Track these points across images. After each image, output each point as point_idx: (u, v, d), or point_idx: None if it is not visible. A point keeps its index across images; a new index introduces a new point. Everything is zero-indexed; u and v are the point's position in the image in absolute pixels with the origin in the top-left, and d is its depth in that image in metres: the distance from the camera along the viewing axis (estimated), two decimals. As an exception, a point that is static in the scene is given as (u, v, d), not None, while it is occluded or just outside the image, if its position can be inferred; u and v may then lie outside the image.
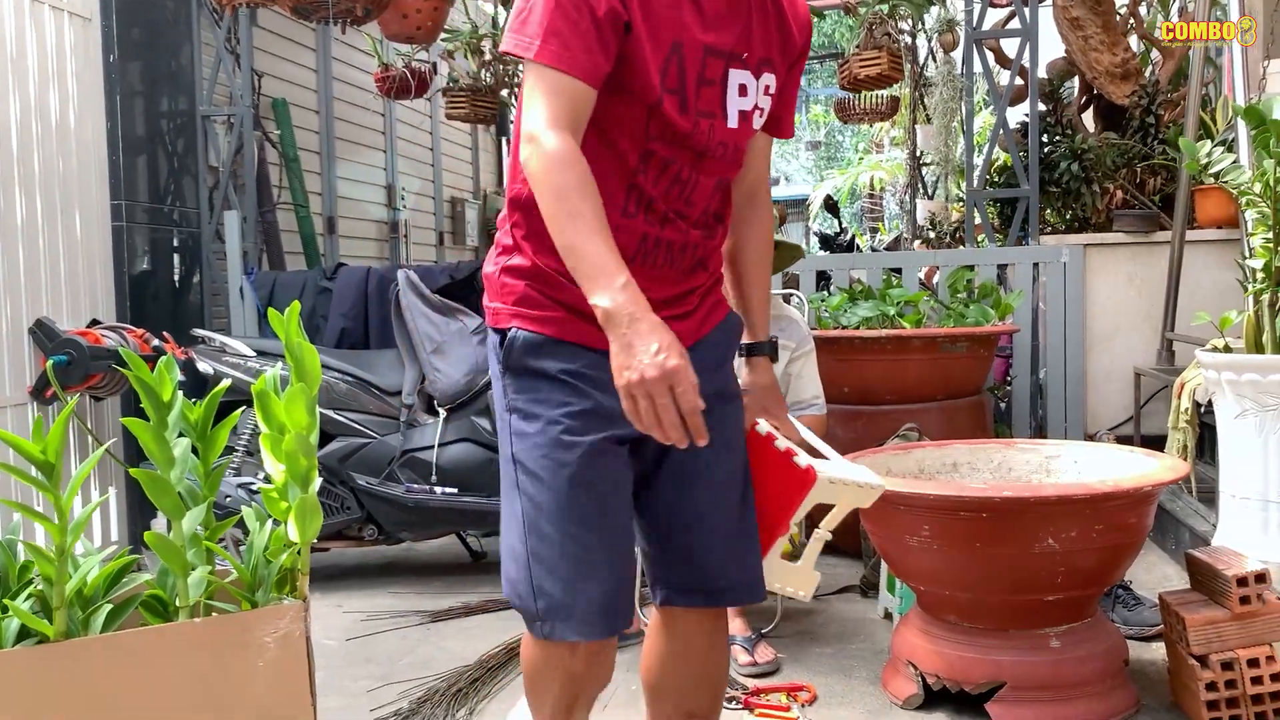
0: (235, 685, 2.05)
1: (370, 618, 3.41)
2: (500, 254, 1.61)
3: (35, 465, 1.90)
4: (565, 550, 1.53)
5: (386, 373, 3.98)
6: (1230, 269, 4.49)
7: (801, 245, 2.84)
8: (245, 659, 2.06)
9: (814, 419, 3.11)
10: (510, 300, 1.56)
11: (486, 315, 1.62)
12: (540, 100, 1.42)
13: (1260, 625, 2.29)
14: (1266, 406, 2.78)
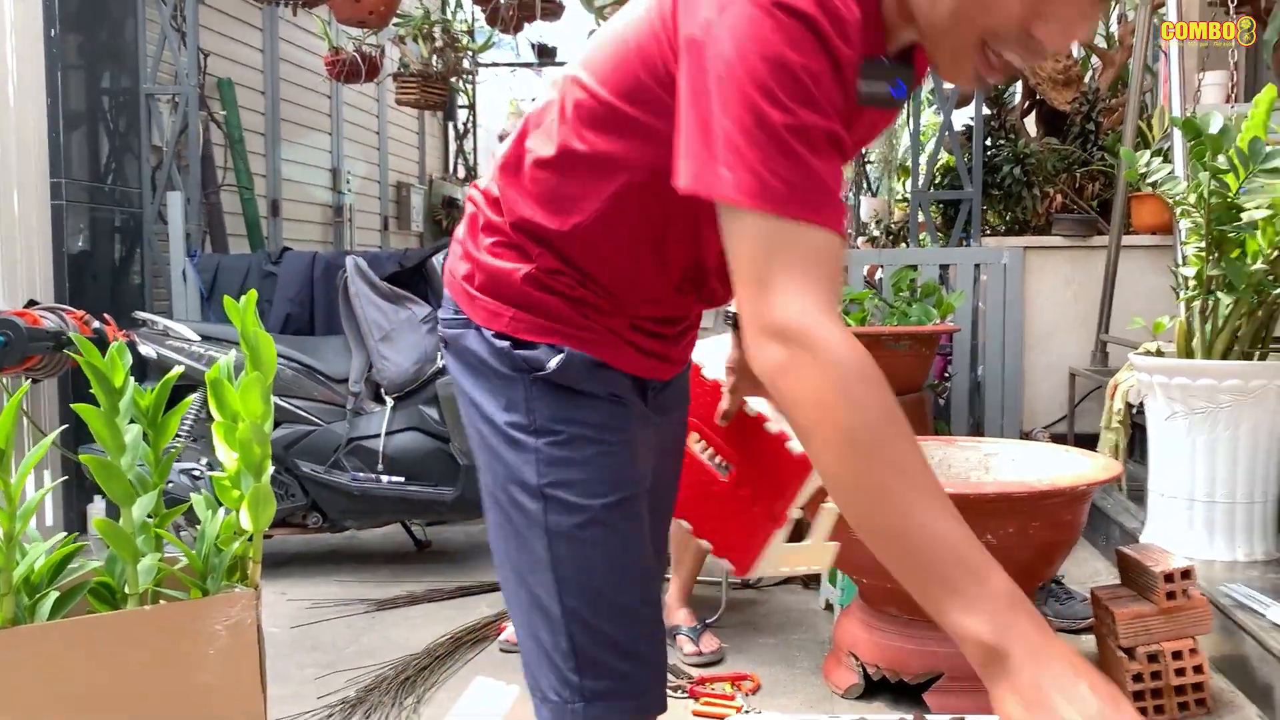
0: (186, 673, 2.05)
1: (315, 605, 3.40)
2: (514, 258, 1.23)
3: (-16, 452, 1.88)
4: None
5: (333, 360, 3.95)
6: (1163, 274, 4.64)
7: None
8: (196, 647, 2.06)
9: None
10: (548, 314, 1.22)
11: (468, 301, 1.26)
12: (798, 271, 0.94)
13: (1184, 619, 2.39)
14: (1195, 409, 2.89)
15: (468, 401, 1.29)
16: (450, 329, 1.29)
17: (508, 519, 1.23)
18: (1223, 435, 2.87)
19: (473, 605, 3.40)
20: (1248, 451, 2.87)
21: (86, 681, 1.97)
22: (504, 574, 1.28)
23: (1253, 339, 2.91)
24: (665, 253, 1.21)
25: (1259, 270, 2.78)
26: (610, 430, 1.23)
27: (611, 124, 1.13)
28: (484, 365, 1.24)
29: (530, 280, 1.20)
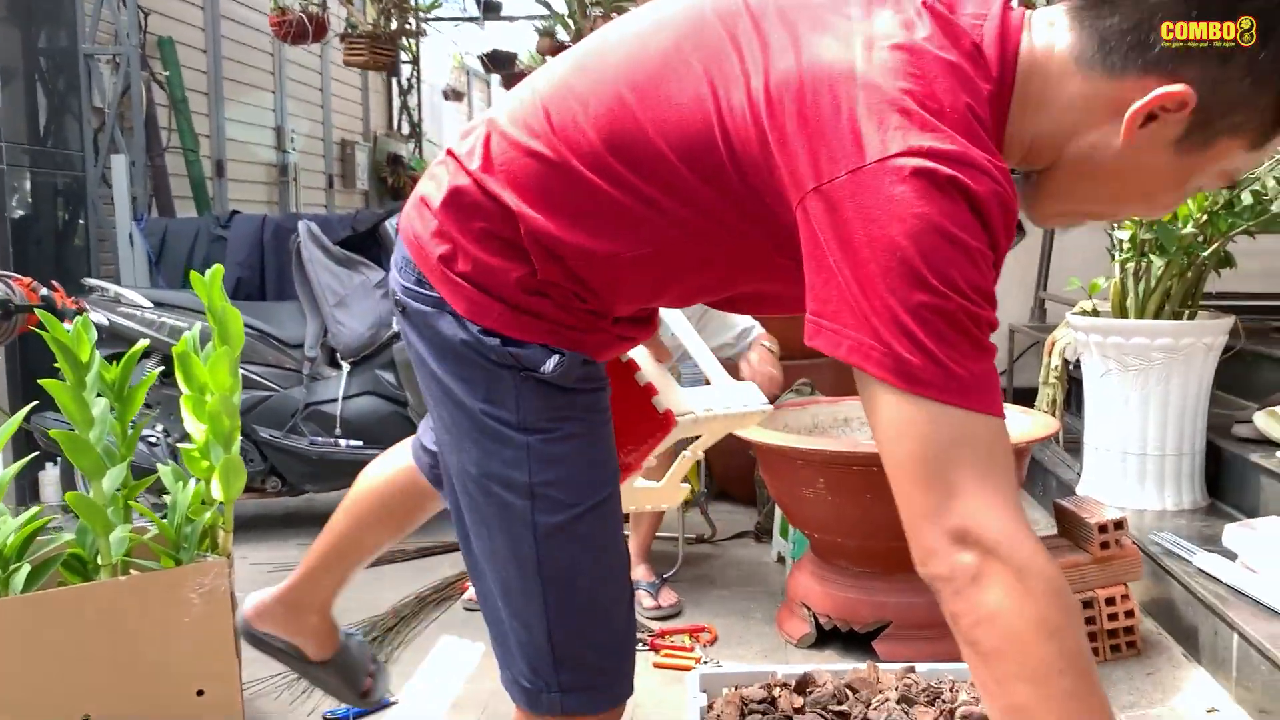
0: (162, 641, 2.10)
1: (277, 569, 3.44)
2: (513, 258, 1.14)
3: (-42, 430, 1.90)
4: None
5: (287, 325, 3.96)
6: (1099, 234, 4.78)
7: None
8: (171, 615, 2.12)
9: (764, 347, 3.06)
10: (540, 315, 1.16)
11: (469, 305, 1.16)
12: (983, 469, 0.90)
13: (1117, 567, 2.54)
14: (1129, 367, 3.03)
15: (431, 377, 1.21)
16: (414, 301, 1.19)
17: (479, 506, 1.20)
18: (1154, 391, 3.01)
19: (435, 565, 3.47)
20: (1177, 406, 3.01)
21: (65, 652, 2.02)
22: (474, 555, 1.24)
23: (1183, 298, 3.04)
24: (690, 285, 1.18)
25: (1189, 233, 2.90)
26: (597, 420, 1.22)
27: (658, 171, 1.05)
28: (461, 352, 1.16)
29: (523, 284, 1.13)
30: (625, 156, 1.06)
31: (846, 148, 0.90)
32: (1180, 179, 0.97)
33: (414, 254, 1.19)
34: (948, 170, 0.86)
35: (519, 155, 1.12)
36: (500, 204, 1.12)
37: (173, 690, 2.13)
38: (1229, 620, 2.29)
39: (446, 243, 1.15)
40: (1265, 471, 2.85)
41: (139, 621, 2.09)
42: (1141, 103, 0.91)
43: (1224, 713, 2.24)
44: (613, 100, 1.07)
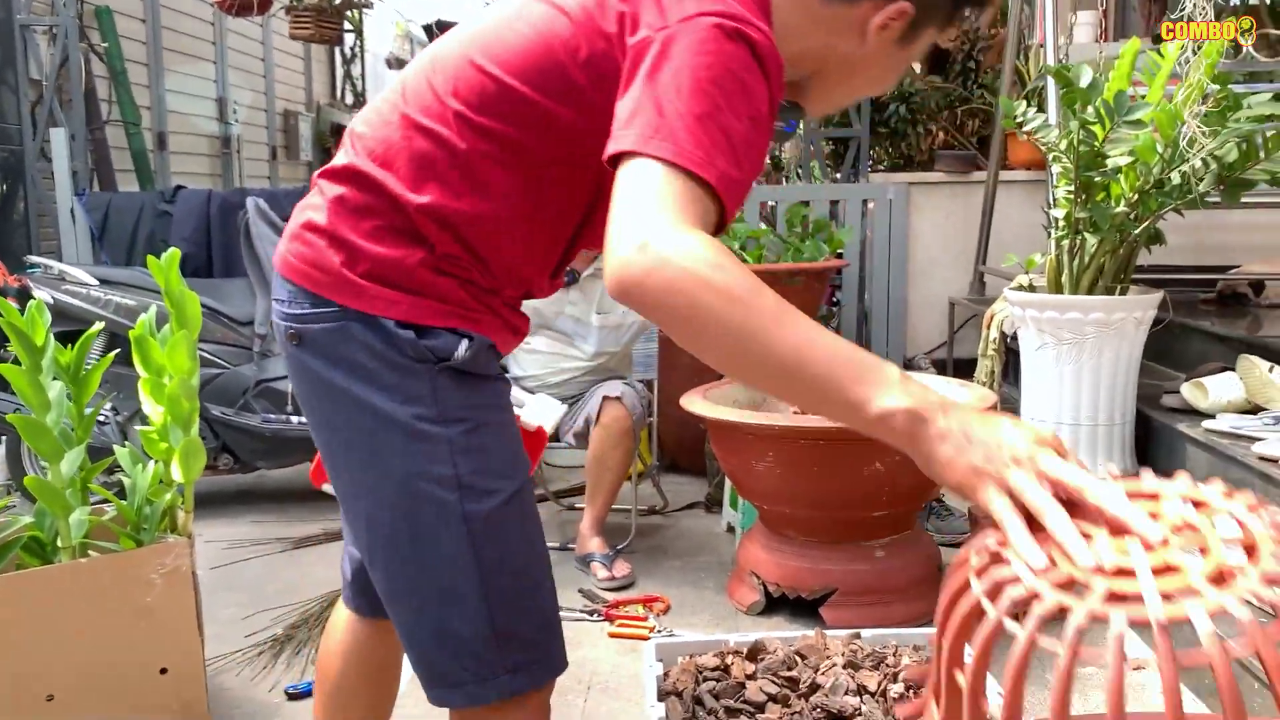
0: (126, 621, 2.13)
1: (232, 546, 3.47)
2: (405, 243, 1.19)
3: (-84, 415, 1.90)
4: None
5: (237, 302, 3.95)
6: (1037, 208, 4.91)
7: None
8: (134, 595, 2.15)
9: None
10: (444, 298, 1.21)
11: (355, 293, 1.19)
12: (689, 215, 0.98)
13: (1051, 534, 2.65)
14: (1063, 340, 3.14)
15: (348, 402, 1.20)
16: (314, 324, 1.19)
17: (413, 517, 1.20)
18: (1087, 364, 3.13)
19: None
20: (1109, 378, 3.13)
21: (27, 634, 2.04)
22: (402, 581, 1.24)
23: (1115, 274, 3.15)
24: (562, 237, 1.26)
25: (1121, 212, 3.01)
26: (505, 409, 1.28)
27: (518, 110, 1.15)
28: (375, 359, 1.18)
29: (425, 264, 1.17)
30: (489, 110, 1.16)
31: (663, 13, 1.09)
32: (900, 64, 1.27)
33: (305, 280, 1.20)
34: (735, 24, 1.06)
35: (393, 142, 1.18)
36: (384, 194, 1.17)
37: (136, 669, 2.16)
38: (1155, 583, 2.41)
39: (342, 250, 1.18)
40: (1190, 440, 2.98)
41: (101, 602, 2.11)
42: (879, 19, 1.15)
43: (1150, 669, 2.37)
44: (464, 66, 1.18)
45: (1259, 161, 2.88)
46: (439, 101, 1.17)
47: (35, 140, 4.74)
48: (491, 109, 1.16)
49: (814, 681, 1.70)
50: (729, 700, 1.68)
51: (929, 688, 0.90)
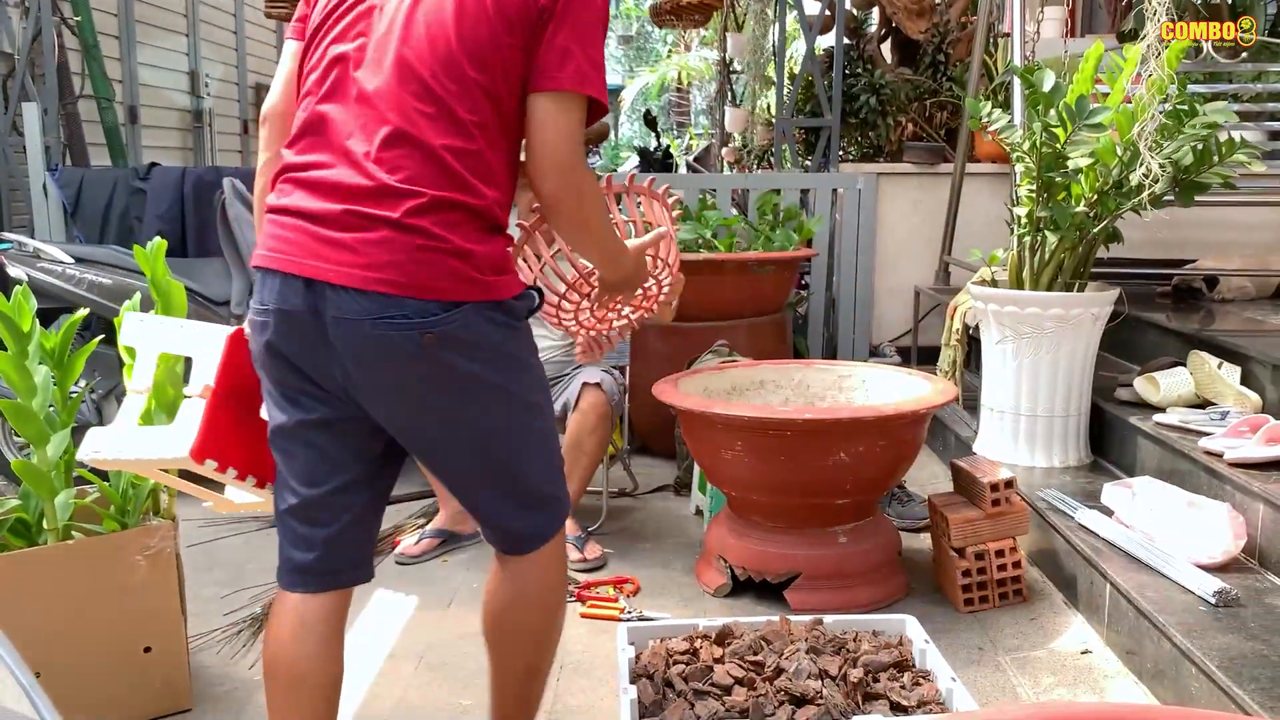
0: (110, 601, 2.19)
1: (209, 524, 3.51)
2: (488, 234, 1.54)
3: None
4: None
5: (213, 283, 3.98)
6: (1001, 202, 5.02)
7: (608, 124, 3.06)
8: (119, 576, 2.21)
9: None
10: (510, 269, 1.58)
11: (484, 288, 1.51)
12: (579, 135, 1.54)
13: (1007, 522, 2.76)
14: (1022, 334, 3.25)
15: (488, 369, 1.56)
16: (448, 325, 1.49)
17: (527, 427, 1.64)
18: (1045, 358, 3.24)
19: (364, 520, 3.57)
20: (1065, 371, 3.25)
21: (14, 613, 2.10)
22: (526, 460, 1.66)
23: (1074, 271, 3.26)
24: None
25: (1081, 212, 3.11)
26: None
27: (488, 98, 1.52)
28: (503, 329, 1.55)
29: (505, 245, 1.58)
30: (477, 64, 1.50)
31: None
32: None
33: (434, 293, 1.47)
34: None
35: (439, 168, 1.50)
36: (467, 206, 1.51)
37: (121, 648, 2.22)
38: (1102, 571, 2.53)
39: (461, 258, 1.49)
40: (1141, 433, 3.10)
41: (87, 583, 2.17)
42: None
43: (1095, 654, 2.49)
44: (450, 80, 1.52)
45: (1213, 165, 2.99)
46: (454, 123, 1.50)
47: (7, 115, 4.71)
48: (481, 62, 1.51)
49: (778, 666, 1.79)
50: (697, 683, 1.77)
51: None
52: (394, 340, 1.47)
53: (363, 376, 1.52)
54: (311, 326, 1.50)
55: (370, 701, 2.34)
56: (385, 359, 1.49)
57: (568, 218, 1.58)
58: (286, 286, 1.50)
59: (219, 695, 2.38)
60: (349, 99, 1.52)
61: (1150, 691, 2.28)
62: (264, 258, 1.54)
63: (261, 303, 1.55)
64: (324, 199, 1.49)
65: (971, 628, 2.66)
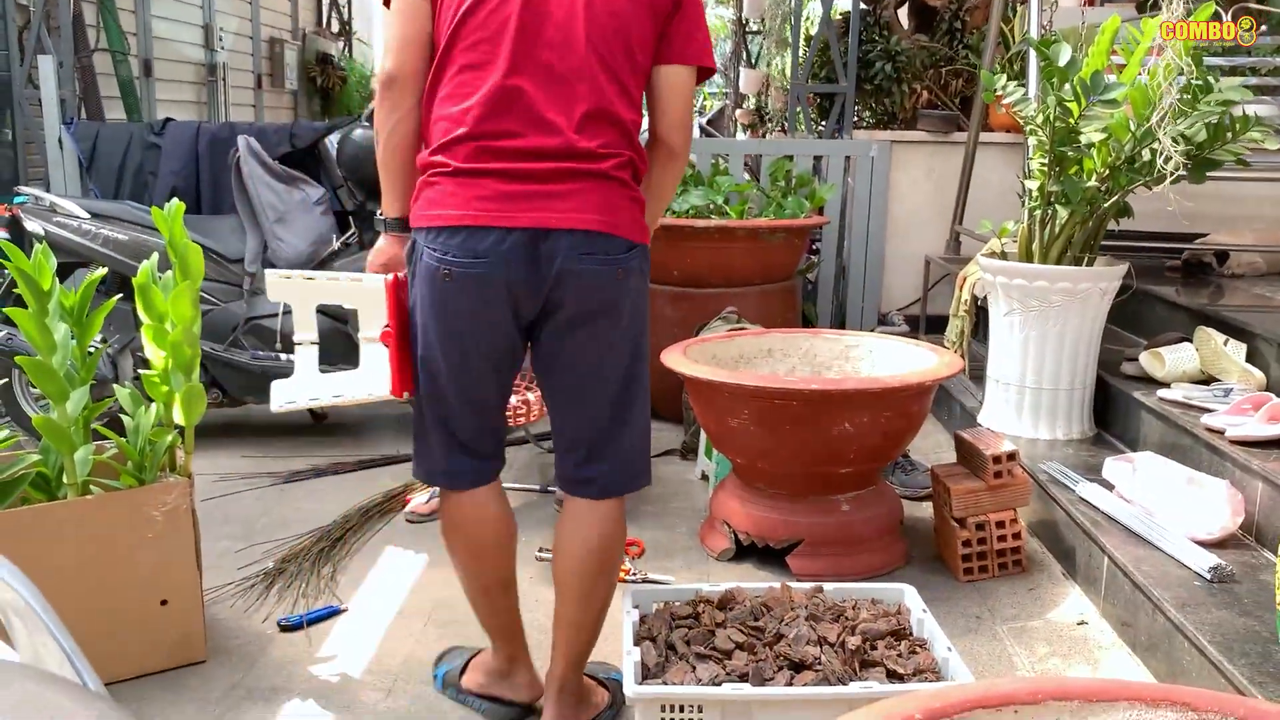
0: (127, 555, 2.25)
1: (222, 479, 3.57)
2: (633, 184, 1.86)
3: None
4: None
5: (227, 240, 4.01)
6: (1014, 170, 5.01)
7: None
8: (136, 531, 2.26)
9: None
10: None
11: (645, 234, 1.88)
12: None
13: (1008, 494, 2.80)
14: (1030, 308, 3.27)
15: (644, 301, 1.92)
16: (631, 261, 1.83)
17: (645, 374, 1.95)
18: (1051, 331, 3.26)
19: (375, 477, 3.63)
20: (1071, 345, 3.27)
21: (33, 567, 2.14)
22: (634, 414, 1.94)
23: (1083, 245, 3.27)
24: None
25: (1092, 187, 3.12)
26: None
27: (644, 76, 1.86)
28: (646, 278, 1.90)
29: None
30: (642, 51, 1.83)
31: None
32: None
33: (631, 233, 1.82)
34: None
35: (619, 130, 1.81)
36: (633, 165, 1.84)
37: (138, 600, 2.28)
38: (1101, 544, 2.57)
39: (638, 207, 1.85)
40: (1145, 408, 3.12)
41: (106, 537, 2.23)
42: None
43: (1091, 625, 2.54)
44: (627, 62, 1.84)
45: (1227, 142, 2.99)
46: (631, 100, 1.83)
47: (23, 67, 4.72)
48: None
49: (778, 632, 1.84)
50: (699, 646, 1.82)
51: None
52: (598, 271, 1.78)
53: (564, 304, 1.80)
54: (525, 267, 1.75)
55: (380, 657, 2.40)
56: (587, 286, 1.78)
57: (682, 165, 1.93)
58: (506, 237, 1.74)
59: (232, 648, 2.44)
60: (542, 76, 1.74)
61: (1143, 664, 2.33)
62: (476, 216, 1.75)
63: (471, 252, 1.76)
64: (532, 162, 1.74)
65: (970, 597, 2.71)
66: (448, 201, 1.77)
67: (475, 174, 1.75)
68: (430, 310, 1.82)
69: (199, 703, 2.21)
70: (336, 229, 4.06)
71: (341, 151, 3.91)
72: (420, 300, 1.83)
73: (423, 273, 1.81)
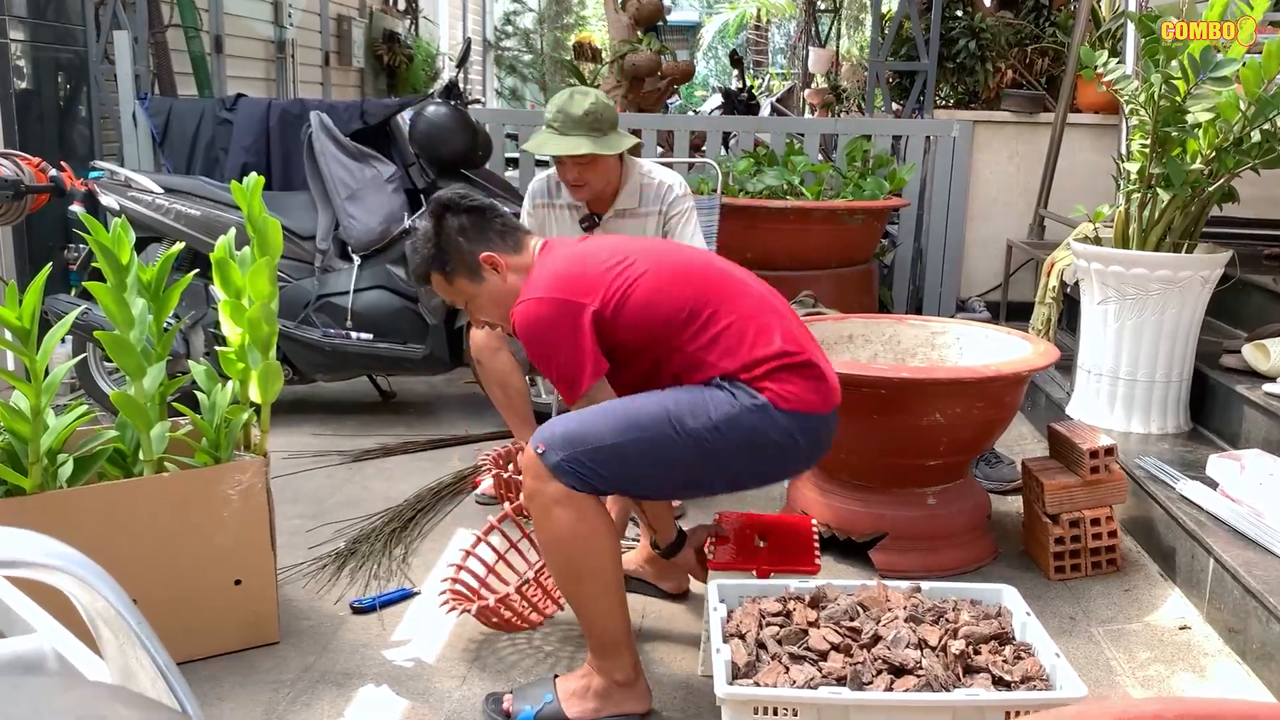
0: (202, 534, 2.22)
1: (292, 456, 3.56)
2: None
3: (12, 331, 1.97)
4: None
5: (299, 216, 3.99)
6: (1103, 153, 4.83)
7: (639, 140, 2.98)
8: (211, 509, 2.23)
9: None
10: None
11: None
12: None
13: (1104, 491, 2.68)
14: (1126, 296, 3.12)
15: None
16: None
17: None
18: (1149, 320, 3.11)
19: (444, 457, 3.59)
20: (1169, 336, 3.12)
21: (110, 543, 2.13)
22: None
23: (1183, 231, 3.12)
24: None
25: (1197, 169, 2.96)
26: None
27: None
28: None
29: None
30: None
31: None
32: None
33: None
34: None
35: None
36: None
37: (212, 579, 2.25)
38: (1206, 545, 2.43)
39: None
40: (1248, 402, 2.97)
41: (182, 515, 2.20)
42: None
43: (1195, 630, 2.41)
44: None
45: (1344, 123, 2.82)
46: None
47: (99, 42, 4.74)
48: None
49: (876, 633, 1.75)
50: (792, 646, 1.73)
51: None
52: None
53: None
54: None
55: (453, 643, 2.35)
56: None
57: None
58: None
59: (305, 629, 2.41)
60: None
61: (1254, 673, 2.20)
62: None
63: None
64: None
65: (1062, 596, 2.59)
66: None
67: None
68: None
69: (272, 685, 2.17)
70: (408, 207, 4.02)
71: (414, 129, 3.86)
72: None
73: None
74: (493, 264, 2.09)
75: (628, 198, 2.96)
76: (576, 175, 2.86)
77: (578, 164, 2.83)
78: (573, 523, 1.90)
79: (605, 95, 2.89)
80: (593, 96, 2.83)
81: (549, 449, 1.89)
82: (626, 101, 5.26)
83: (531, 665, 2.28)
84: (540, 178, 3.12)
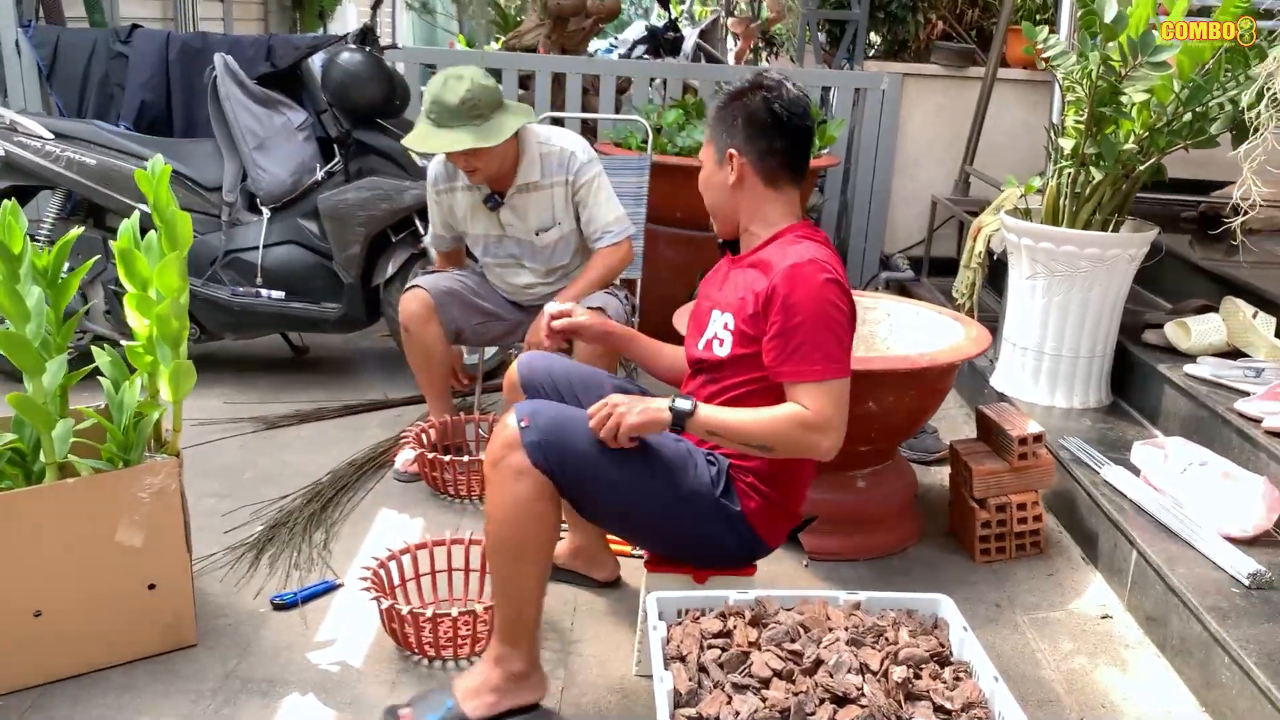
0: (111, 541, 2.10)
1: (202, 424, 3.41)
2: None
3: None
4: None
5: (204, 166, 3.77)
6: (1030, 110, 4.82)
7: (530, 110, 2.83)
8: (121, 515, 2.10)
9: (610, 249, 2.97)
10: None
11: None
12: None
13: (1032, 476, 2.71)
14: (1055, 273, 3.13)
15: None
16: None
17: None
18: (1075, 297, 3.13)
19: (362, 424, 3.48)
20: (1095, 313, 3.15)
21: (15, 550, 2.00)
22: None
23: (1113, 208, 3.13)
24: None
25: (1130, 149, 2.96)
26: None
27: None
28: None
29: None
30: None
31: None
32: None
33: None
34: None
35: None
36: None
37: (125, 585, 2.14)
38: (1129, 535, 2.48)
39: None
40: (1169, 383, 3.02)
41: (90, 520, 2.07)
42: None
43: (1116, 619, 2.47)
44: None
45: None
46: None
47: (-25, -38, 4.36)
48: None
49: (818, 657, 1.73)
50: (734, 674, 1.71)
51: None
52: None
53: None
54: None
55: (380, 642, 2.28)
56: None
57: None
58: None
59: (223, 629, 2.32)
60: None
61: (1172, 666, 2.26)
62: None
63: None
64: None
65: (988, 580, 2.63)
66: None
67: None
68: None
69: (192, 694, 2.09)
70: (320, 157, 3.82)
71: (327, 77, 3.64)
72: None
73: None
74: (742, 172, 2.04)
75: (527, 171, 2.86)
76: (466, 163, 2.77)
77: (464, 153, 2.72)
78: (530, 499, 1.87)
79: (482, 73, 2.74)
80: (468, 80, 2.68)
81: (531, 425, 1.86)
82: (550, 43, 5.06)
83: (457, 668, 2.23)
84: (436, 162, 2.99)
